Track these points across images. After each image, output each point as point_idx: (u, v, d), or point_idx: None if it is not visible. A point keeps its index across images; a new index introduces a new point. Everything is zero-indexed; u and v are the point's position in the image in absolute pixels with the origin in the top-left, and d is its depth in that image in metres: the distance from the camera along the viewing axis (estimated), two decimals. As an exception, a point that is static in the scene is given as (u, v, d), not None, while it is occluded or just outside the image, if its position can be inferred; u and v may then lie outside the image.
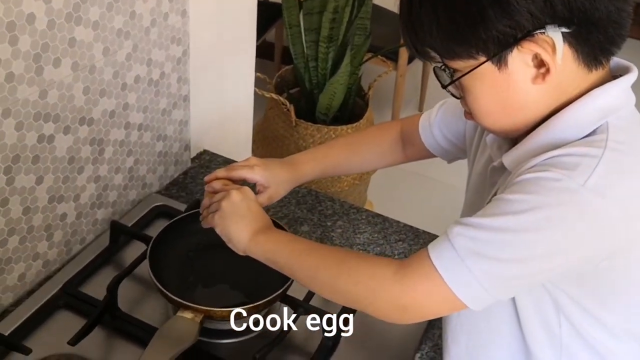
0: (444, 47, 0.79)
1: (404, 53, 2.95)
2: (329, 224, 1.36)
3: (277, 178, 1.11)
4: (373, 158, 1.22)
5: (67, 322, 1.09)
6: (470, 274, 0.76)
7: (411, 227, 1.37)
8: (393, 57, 2.96)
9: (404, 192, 2.98)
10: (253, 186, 1.08)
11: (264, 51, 2.98)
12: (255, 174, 1.09)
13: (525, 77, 0.78)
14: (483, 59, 0.77)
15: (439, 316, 0.88)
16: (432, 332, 1.15)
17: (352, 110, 2.52)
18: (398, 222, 1.38)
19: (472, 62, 0.78)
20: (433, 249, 0.80)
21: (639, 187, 0.77)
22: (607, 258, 0.78)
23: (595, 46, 0.76)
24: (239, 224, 0.98)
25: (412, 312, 0.82)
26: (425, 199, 2.89)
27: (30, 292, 1.14)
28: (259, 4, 1.65)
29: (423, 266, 0.79)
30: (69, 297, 1.12)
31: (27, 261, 1.12)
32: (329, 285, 0.88)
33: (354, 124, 2.40)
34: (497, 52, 0.76)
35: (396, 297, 0.81)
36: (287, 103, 2.36)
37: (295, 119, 2.35)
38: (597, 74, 0.80)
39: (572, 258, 0.77)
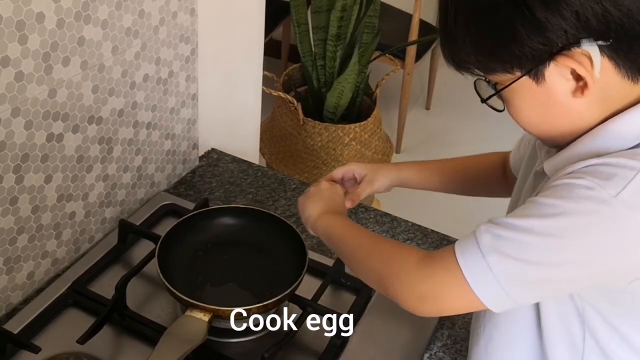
0: (479, 62, 0.78)
1: (411, 51, 2.95)
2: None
3: (374, 166, 1.17)
4: (476, 185, 1.20)
5: (76, 321, 1.09)
6: (490, 271, 0.75)
7: (419, 226, 1.37)
8: (400, 55, 2.95)
9: (411, 191, 2.97)
10: None
11: (271, 49, 2.98)
12: (351, 166, 1.17)
13: (564, 91, 0.76)
14: (519, 74, 0.76)
15: (457, 312, 0.86)
16: (441, 332, 1.14)
17: (359, 109, 2.52)
18: (406, 221, 1.38)
19: (510, 77, 0.77)
20: (459, 243, 0.79)
21: None
22: None
23: (637, 59, 0.73)
24: (316, 204, 1.05)
25: (429, 302, 0.81)
26: (433, 198, 2.88)
27: (39, 291, 1.14)
28: (267, 2, 1.64)
29: (445, 258, 0.79)
30: (78, 296, 1.12)
31: (36, 260, 1.12)
32: (363, 263, 0.91)
33: (362, 123, 2.39)
34: (533, 68, 0.75)
35: (416, 283, 0.81)
36: (295, 101, 2.35)
37: (302, 117, 2.35)
38: None
39: (597, 271, 0.75)
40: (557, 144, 0.85)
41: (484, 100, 0.83)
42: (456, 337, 1.14)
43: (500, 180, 1.16)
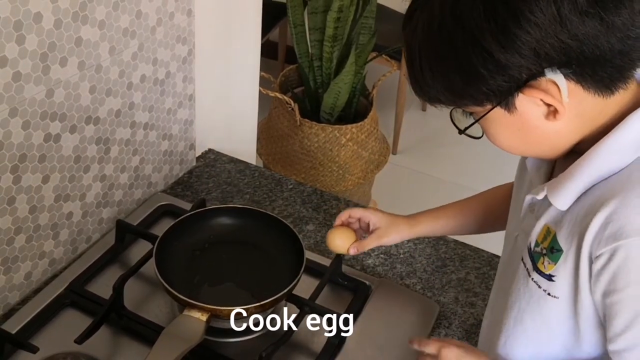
0: (450, 100, 0.79)
1: (407, 52, 2.94)
2: (334, 223, 1.36)
3: (388, 218, 1.13)
4: (492, 223, 1.16)
5: (74, 321, 1.09)
6: None
7: (416, 226, 1.37)
8: (397, 56, 2.95)
9: (408, 191, 2.98)
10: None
11: (267, 50, 2.98)
12: (366, 212, 1.14)
13: (537, 116, 0.76)
14: (490, 106, 0.76)
15: None
16: (438, 331, 1.15)
17: (356, 110, 2.52)
18: (403, 221, 1.38)
19: (482, 108, 0.77)
20: None
21: None
22: None
23: (603, 78, 0.73)
24: None
25: None
26: (428, 198, 2.89)
27: (36, 291, 1.14)
28: (263, 3, 1.64)
29: None
30: (75, 296, 1.12)
31: (33, 260, 1.12)
32: None
33: (359, 123, 2.40)
34: (502, 101, 0.75)
35: None
36: (292, 102, 2.36)
37: (299, 118, 2.35)
38: (621, 94, 0.76)
39: None
40: (547, 159, 0.86)
41: (461, 132, 0.83)
42: (453, 337, 1.14)
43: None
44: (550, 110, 0.75)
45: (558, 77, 0.72)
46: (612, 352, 0.77)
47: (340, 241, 1.11)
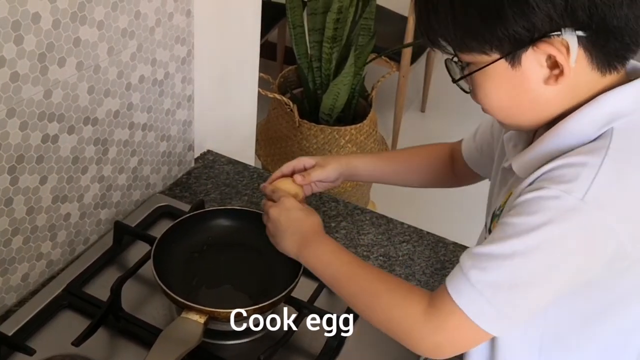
0: (458, 40, 0.78)
1: (406, 54, 2.95)
2: (332, 224, 1.36)
3: (323, 158, 1.16)
4: (424, 176, 1.22)
5: (71, 323, 1.08)
6: (491, 306, 0.77)
7: (415, 228, 1.37)
8: (396, 57, 2.95)
9: (406, 193, 2.96)
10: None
11: (266, 51, 2.97)
12: (301, 160, 1.14)
13: (537, 78, 0.77)
14: (497, 56, 0.76)
15: (472, 348, 0.90)
16: (437, 334, 1.14)
17: (355, 111, 2.52)
18: (402, 223, 1.38)
19: (485, 58, 0.77)
20: (451, 285, 0.81)
21: None
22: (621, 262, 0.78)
23: (610, 52, 0.76)
24: (284, 240, 1.02)
25: (446, 348, 0.84)
26: (427, 200, 2.89)
27: (33, 293, 1.13)
28: (262, 4, 1.64)
29: (446, 304, 0.80)
30: (73, 298, 1.12)
31: (30, 261, 1.12)
32: (365, 315, 0.92)
33: (358, 125, 2.39)
34: (512, 51, 0.75)
35: (428, 336, 0.83)
36: (291, 103, 2.35)
37: (298, 119, 2.35)
38: (610, 77, 0.79)
39: (585, 267, 0.77)
40: (523, 130, 0.87)
41: (455, 81, 0.84)
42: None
43: (447, 170, 1.18)
44: (552, 73, 0.76)
45: (572, 39, 0.73)
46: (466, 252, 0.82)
47: (283, 185, 1.10)
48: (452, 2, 0.75)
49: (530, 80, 0.78)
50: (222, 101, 1.58)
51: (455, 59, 0.81)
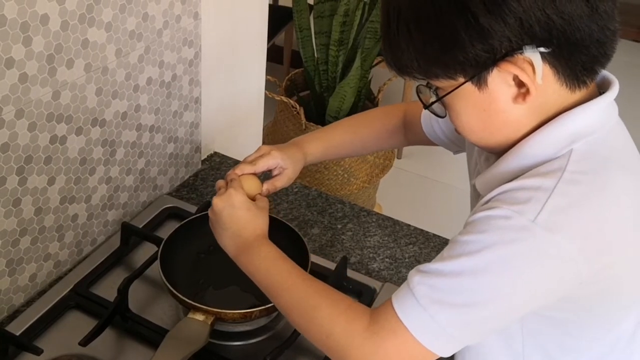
0: (422, 69, 0.77)
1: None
2: (339, 226, 1.36)
3: (293, 158, 1.12)
4: (374, 141, 1.21)
5: (78, 323, 1.09)
6: (435, 323, 0.74)
7: (422, 230, 1.37)
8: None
9: (413, 196, 2.97)
10: (263, 176, 1.08)
11: (273, 55, 2.98)
12: (276, 159, 1.10)
13: (506, 97, 0.76)
14: (462, 79, 0.76)
15: None
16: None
17: (361, 114, 2.52)
18: (409, 225, 1.38)
19: (452, 83, 0.77)
20: (396, 300, 0.78)
21: (597, 219, 0.73)
22: (593, 283, 0.76)
23: (577, 66, 0.74)
24: (223, 237, 0.97)
25: None
26: (433, 202, 2.89)
27: (41, 293, 1.14)
28: (269, 7, 1.65)
29: (390, 321, 0.77)
30: (80, 298, 1.12)
31: (38, 261, 1.12)
32: (302, 328, 0.87)
33: (364, 127, 2.39)
34: (476, 74, 0.74)
35: (368, 355, 0.79)
36: (297, 106, 2.36)
37: (305, 121, 2.35)
38: (580, 93, 0.77)
39: (534, 293, 0.75)
40: (495, 152, 0.86)
41: (426, 107, 0.83)
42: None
43: (399, 133, 1.20)
44: (520, 92, 0.75)
45: (535, 56, 0.72)
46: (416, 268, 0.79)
47: (247, 183, 1.04)
48: (410, 32, 0.75)
49: (499, 101, 0.76)
50: (229, 103, 1.59)
51: (428, 84, 0.81)
